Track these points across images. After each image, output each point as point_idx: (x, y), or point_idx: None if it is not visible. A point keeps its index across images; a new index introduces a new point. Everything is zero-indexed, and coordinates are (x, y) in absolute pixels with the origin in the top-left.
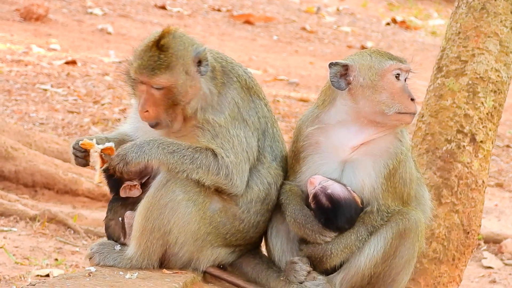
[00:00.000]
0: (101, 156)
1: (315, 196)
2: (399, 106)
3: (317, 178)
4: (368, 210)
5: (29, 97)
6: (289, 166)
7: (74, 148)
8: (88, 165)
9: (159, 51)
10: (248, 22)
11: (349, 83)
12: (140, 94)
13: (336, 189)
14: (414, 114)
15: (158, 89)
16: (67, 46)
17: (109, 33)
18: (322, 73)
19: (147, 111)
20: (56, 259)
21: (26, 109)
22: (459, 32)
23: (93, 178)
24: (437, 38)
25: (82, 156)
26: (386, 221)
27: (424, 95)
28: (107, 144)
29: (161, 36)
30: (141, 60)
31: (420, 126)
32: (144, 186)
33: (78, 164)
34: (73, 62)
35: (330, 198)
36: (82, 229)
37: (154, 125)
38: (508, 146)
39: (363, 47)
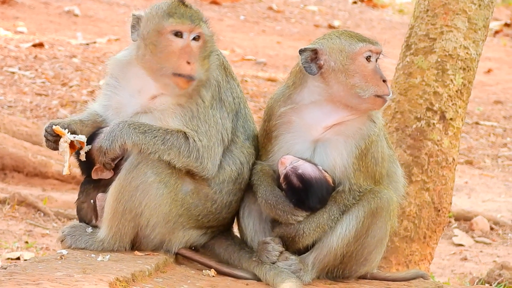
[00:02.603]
0: (72, 142)
1: (286, 176)
2: (374, 89)
3: (288, 158)
4: (340, 189)
5: None
6: (260, 145)
7: (46, 131)
8: (58, 149)
9: (189, 8)
10: (214, 2)
11: (320, 67)
12: (172, 49)
13: (307, 169)
14: (388, 95)
15: (196, 40)
16: (34, 28)
17: (76, 15)
18: (289, 53)
19: (193, 62)
20: (27, 242)
21: None
22: (427, 10)
23: (62, 169)
24: (405, 16)
25: (53, 141)
26: (358, 200)
27: (393, 73)
28: (80, 137)
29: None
30: (179, 13)
31: (389, 104)
32: (116, 168)
33: (49, 147)
34: (40, 45)
35: (301, 178)
36: (52, 211)
37: (191, 80)
38: (477, 123)
39: (330, 26)
